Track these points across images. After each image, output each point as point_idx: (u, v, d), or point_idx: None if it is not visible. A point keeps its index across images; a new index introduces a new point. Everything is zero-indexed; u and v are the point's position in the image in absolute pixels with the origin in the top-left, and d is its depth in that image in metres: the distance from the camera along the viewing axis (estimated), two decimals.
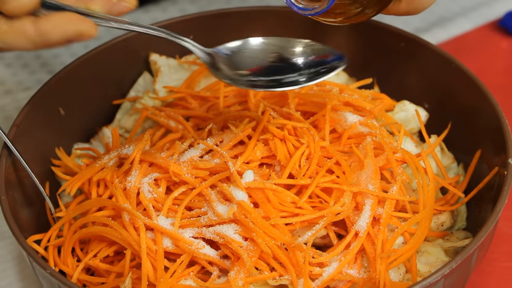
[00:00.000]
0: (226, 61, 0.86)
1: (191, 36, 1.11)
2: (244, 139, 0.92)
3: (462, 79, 1.00)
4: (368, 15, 0.88)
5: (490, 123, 0.94)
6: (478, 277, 0.99)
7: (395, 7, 0.91)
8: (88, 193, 0.94)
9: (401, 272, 0.87)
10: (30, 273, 1.03)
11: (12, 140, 0.92)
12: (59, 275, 0.82)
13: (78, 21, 0.77)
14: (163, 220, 0.87)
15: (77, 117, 1.06)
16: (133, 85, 1.11)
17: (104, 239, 0.89)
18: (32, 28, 0.76)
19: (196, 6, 1.44)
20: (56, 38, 0.77)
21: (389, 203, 0.88)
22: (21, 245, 0.85)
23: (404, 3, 0.91)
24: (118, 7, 0.80)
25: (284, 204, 0.86)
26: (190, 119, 1.00)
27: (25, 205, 0.94)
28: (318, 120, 0.95)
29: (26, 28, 0.76)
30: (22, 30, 0.76)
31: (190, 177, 0.89)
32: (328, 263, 0.85)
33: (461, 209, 0.97)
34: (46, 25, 0.76)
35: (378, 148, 0.93)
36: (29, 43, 0.77)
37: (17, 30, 0.77)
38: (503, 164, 0.89)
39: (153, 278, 0.84)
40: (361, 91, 1.02)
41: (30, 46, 0.78)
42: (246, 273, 0.83)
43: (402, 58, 1.07)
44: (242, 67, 0.86)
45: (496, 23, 1.36)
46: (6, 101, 1.26)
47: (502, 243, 1.02)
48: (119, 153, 0.94)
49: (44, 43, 0.77)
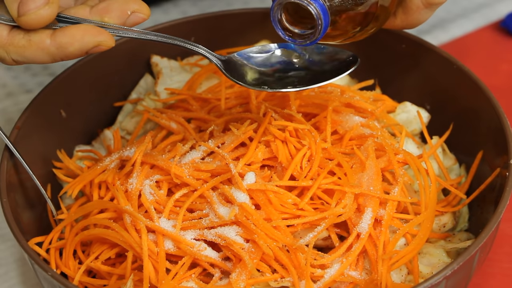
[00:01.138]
0: (240, 65, 0.86)
1: (192, 38, 1.12)
2: (245, 140, 0.92)
3: (463, 80, 1.00)
4: (366, 33, 0.89)
5: (492, 124, 0.94)
6: (480, 279, 0.99)
7: (390, 22, 0.93)
8: (89, 195, 0.94)
9: (403, 273, 0.87)
10: (31, 276, 1.03)
11: (14, 142, 0.93)
12: (60, 278, 0.82)
13: (95, 33, 0.78)
14: (164, 222, 0.87)
15: (79, 119, 1.06)
16: (134, 87, 1.11)
17: (105, 241, 0.89)
18: (50, 42, 0.77)
19: (197, 8, 1.44)
20: (74, 50, 0.78)
21: (390, 204, 0.87)
22: (23, 247, 0.85)
23: (399, 20, 0.93)
24: (133, 18, 0.80)
25: (285, 206, 0.86)
26: (192, 121, 1.00)
27: (26, 207, 0.94)
28: (320, 122, 0.95)
29: (44, 42, 0.77)
30: (41, 44, 0.77)
31: (192, 179, 0.89)
32: (330, 265, 0.85)
33: (463, 210, 0.97)
34: (63, 38, 0.77)
35: (380, 150, 0.92)
36: (48, 56, 0.78)
37: (36, 44, 0.78)
38: (505, 165, 0.89)
39: (155, 280, 0.84)
40: (362, 92, 1.02)
41: (48, 59, 0.79)
42: (247, 275, 0.83)
43: (403, 59, 1.07)
44: (256, 70, 0.86)
45: (498, 24, 1.36)
46: (8, 104, 1.26)
47: (504, 244, 1.02)
48: (120, 155, 0.94)
49: (62, 55, 0.78)
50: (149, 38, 0.82)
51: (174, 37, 0.84)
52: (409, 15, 0.92)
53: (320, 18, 0.80)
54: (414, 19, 0.92)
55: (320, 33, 0.81)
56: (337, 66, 0.86)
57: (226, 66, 0.85)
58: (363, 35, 0.89)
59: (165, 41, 0.83)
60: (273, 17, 0.84)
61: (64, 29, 0.78)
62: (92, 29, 0.78)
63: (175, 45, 0.83)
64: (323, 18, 0.80)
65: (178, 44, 0.84)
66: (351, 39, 0.88)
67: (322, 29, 0.81)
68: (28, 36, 0.78)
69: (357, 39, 0.89)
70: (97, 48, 0.78)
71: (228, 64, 0.86)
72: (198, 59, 1.11)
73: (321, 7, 0.80)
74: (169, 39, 0.83)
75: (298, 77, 0.86)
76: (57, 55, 0.78)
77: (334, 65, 0.86)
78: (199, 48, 0.85)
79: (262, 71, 0.86)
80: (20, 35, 0.78)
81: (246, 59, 0.87)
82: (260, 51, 0.88)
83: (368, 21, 0.87)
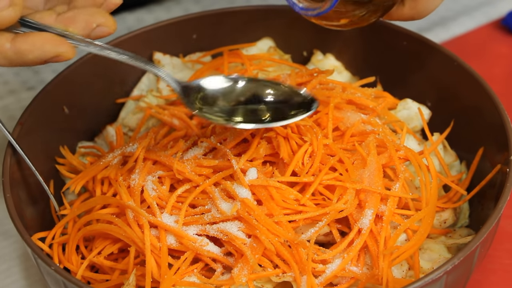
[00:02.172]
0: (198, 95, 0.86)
1: (194, 36, 1.12)
2: (247, 137, 0.92)
3: (464, 77, 1.00)
4: (371, 19, 0.88)
5: (492, 121, 0.95)
6: (480, 275, 0.99)
7: (398, 12, 0.92)
8: (92, 191, 0.95)
9: (404, 269, 0.87)
10: (34, 272, 1.03)
11: (17, 139, 0.93)
12: (64, 272, 0.82)
13: (56, 43, 0.76)
14: (167, 217, 0.87)
15: (81, 115, 1.06)
16: (137, 83, 1.11)
17: (108, 237, 0.89)
18: (9, 46, 0.76)
19: (199, 6, 1.44)
20: (33, 58, 0.76)
21: (392, 200, 0.88)
22: (26, 243, 0.85)
23: (407, 8, 0.91)
24: (97, 31, 0.79)
25: (287, 202, 0.87)
26: (194, 118, 1.01)
27: (29, 203, 0.94)
28: (321, 118, 0.95)
29: (3, 46, 0.76)
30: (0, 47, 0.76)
31: (194, 175, 0.90)
32: (331, 260, 0.85)
33: (463, 206, 0.97)
34: (23, 44, 0.76)
35: (381, 146, 0.93)
36: (5, 60, 0.77)
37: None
38: (506, 161, 0.89)
39: (157, 275, 0.84)
40: (364, 89, 1.02)
41: (6, 63, 0.77)
42: (249, 270, 0.84)
43: (404, 57, 1.08)
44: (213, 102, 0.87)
45: (499, 22, 1.37)
46: (10, 101, 1.27)
47: (504, 240, 1.02)
48: (123, 151, 0.95)
49: (20, 61, 0.77)
50: (109, 55, 0.81)
51: (137, 56, 0.82)
52: (418, 1, 0.91)
53: None
54: (423, 6, 0.90)
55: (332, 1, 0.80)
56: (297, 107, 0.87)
57: (185, 92, 0.85)
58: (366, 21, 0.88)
59: (125, 60, 0.82)
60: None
61: (25, 35, 0.76)
62: (54, 39, 0.76)
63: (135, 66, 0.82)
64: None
65: (138, 65, 0.82)
66: (354, 24, 0.87)
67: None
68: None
69: (361, 24, 0.88)
70: (56, 58, 0.77)
71: (186, 90, 0.86)
72: (200, 56, 1.12)
73: None
74: (130, 59, 0.82)
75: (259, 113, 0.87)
76: (14, 61, 0.77)
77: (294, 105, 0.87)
78: (159, 72, 0.84)
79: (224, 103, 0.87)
80: None
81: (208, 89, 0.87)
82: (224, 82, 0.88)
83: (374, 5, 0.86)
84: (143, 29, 1.10)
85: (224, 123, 0.86)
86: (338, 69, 1.11)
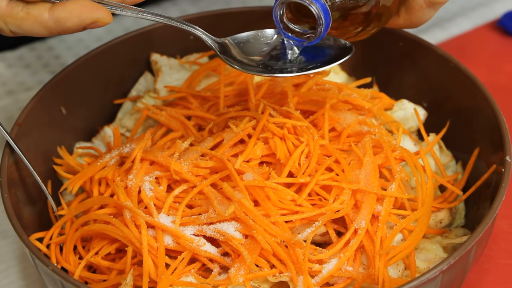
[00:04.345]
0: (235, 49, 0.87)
1: (191, 37, 1.12)
2: (244, 137, 0.93)
3: (460, 78, 1.01)
4: (368, 33, 0.89)
5: (488, 121, 0.95)
6: (476, 274, 0.99)
7: (393, 21, 0.93)
8: (89, 191, 0.95)
9: (400, 268, 0.88)
10: (31, 272, 1.03)
11: (15, 139, 0.93)
12: (61, 272, 0.82)
13: (93, 9, 0.78)
14: (164, 218, 0.87)
15: (79, 116, 1.06)
16: (134, 84, 1.11)
17: (105, 237, 0.89)
18: (48, 15, 0.77)
19: (196, 7, 1.45)
20: (71, 25, 0.78)
21: (388, 200, 0.88)
22: (24, 243, 0.86)
23: (402, 19, 0.93)
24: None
25: (284, 202, 0.87)
26: (191, 119, 1.01)
27: (27, 203, 0.94)
28: (318, 119, 0.96)
29: (42, 15, 0.77)
30: (39, 17, 0.77)
31: (191, 176, 0.90)
32: (328, 260, 0.86)
33: (459, 206, 0.97)
34: (61, 12, 0.77)
35: (377, 147, 0.93)
36: (45, 30, 0.78)
37: (34, 17, 0.78)
38: (501, 161, 0.90)
39: (154, 275, 0.85)
40: (360, 90, 1.02)
41: (46, 33, 0.79)
42: (246, 270, 0.84)
43: (401, 57, 1.08)
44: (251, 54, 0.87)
45: (495, 23, 1.37)
46: (8, 102, 1.27)
47: (500, 240, 1.03)
48: (120, 151, 0.95)
49: (59, 30, 0.78)
50: (146, 17, 0.82)
51: (171, 17, 0.84)
52: (412, 14, 0.92)
53: (321, 17, 0.81)
54: (417, 18, 0.92)
55: (322, 32, 0.82)
56: (332, 54, 0.86)
57: (222, 49, 0.86)
58: (365, 35, 0.90)
59: (162, 21, 0.83)
60: (275, 15, 0.84)
61: (62, 3, 0.78)
62: (91, 5, 0.78)
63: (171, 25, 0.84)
64: (324, 17, 0.81)
65: (174, 24, 0.84)
66: (352, 38, 0.89)
67: (323, 28, 0.82)
68: (27, 8, 0.78)
69: (358, 38, 0.90)
70: (94, 24, 0.78)
71: (223, 47, 0.86)
72: (197, 57, 1.12)
73: (322, 7, 0.81)
74: (166, 19, 0.84)
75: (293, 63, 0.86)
76: (54, 30, 0.78)
77: (329, 53, 0.86)
78: (195, 29, 0.85)
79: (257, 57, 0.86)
80: (19, 7, 0.78)
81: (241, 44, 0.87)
82: (255, 37, 0.88)
83: (370, 21, 0.87)
84: (141, 30, 1.10)
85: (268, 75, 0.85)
86: (335, 70, 1.11)
